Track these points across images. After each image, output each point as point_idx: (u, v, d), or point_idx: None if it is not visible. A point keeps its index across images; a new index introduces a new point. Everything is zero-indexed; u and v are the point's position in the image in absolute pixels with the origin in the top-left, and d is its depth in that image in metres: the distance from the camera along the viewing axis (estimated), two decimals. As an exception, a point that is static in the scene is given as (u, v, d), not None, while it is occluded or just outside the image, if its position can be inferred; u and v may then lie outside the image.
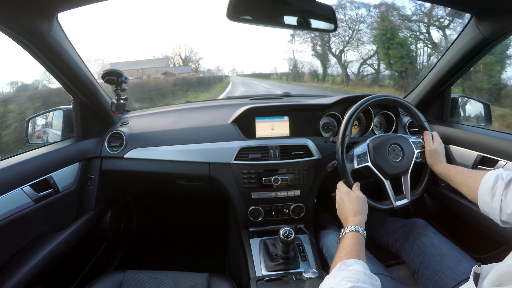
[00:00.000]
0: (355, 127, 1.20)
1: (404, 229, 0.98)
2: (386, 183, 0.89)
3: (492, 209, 0.66)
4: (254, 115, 1.12)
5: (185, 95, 15.48)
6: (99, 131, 1.19)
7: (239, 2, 0.67)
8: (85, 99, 1.06)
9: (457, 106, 1.22)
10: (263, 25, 0.76)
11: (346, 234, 0.69)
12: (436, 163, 0.87)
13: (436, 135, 0.92)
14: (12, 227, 0.77)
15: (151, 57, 32.33)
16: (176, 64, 30.17)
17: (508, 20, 0.78)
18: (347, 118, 0.89)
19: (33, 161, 0.87)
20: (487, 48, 0.92)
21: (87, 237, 1.12)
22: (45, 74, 6.70)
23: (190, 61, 30.84)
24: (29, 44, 0.77)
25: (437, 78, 1.11)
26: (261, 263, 0.96)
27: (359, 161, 0.89)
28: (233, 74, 43.25)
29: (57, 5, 0.72)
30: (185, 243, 1.68)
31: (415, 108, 0.95)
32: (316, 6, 0.77)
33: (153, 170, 1.11)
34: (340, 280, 0.52)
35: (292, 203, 1.09)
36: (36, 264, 0.81)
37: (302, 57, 23.83)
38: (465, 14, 0.84)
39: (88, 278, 1.15)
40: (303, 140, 1.08)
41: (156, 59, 28.15)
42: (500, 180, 0.65)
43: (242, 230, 1.11)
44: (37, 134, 1.15)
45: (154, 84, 17.02)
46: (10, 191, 0.76)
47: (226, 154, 1.05)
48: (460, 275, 0.75)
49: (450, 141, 1.07)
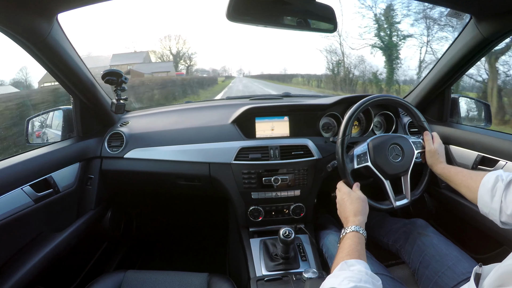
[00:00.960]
0: (355, 127, 1.20)
1: (404, 229, 0.98)
2: (386, 183, 0.89)
3: (492, 210, 0.66)
4: (254, 115, 1.13)
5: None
6: (99, 131, 1.19)
7: (239, 3, 0.67)
8: (85, 99, 1.06)
9: (457, 106, 1.22)
10: (263, 26, 0.76)
11: (346, 234, 0.69)
12: (436, 163, 0.87)
13: (436, 136, 0.92)
14: (12, 227, 0.77)
15: (130, 51, 26.24)
16: (167, 59, 25.71)
17: (508, 20, 0.78)
18: (347, 118, 0.89)
19: (33, 161, 0.87)
20: (487, 48, 0.92)
21: (87, 237, 1.12)
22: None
23: (182, 58, 26.65)
24: (29, 44, 0.77)
25: (437, 78, 1.11)
26: (261, 263, 0.96)
27: (359, 161, 0.89)
28: (239, 75, 41.92)
29: (57, 6, 0.72)
30: (185, 243, 1.68)
31: (415, 108, 0.95)
32: (316, 6, 0.76)
33: (153, 170, 1.11)
34: (342, 280, 0.52)
35: (292, 203, 1.09)
36: (36, 264, 0.81)
37: (352, 54, 15.00)
38: (464, 15, 0.84)
39: (88, 278, 1.15)
40: (303, 140, 1.08)
41: (128, 53, 23.73)
42: (500, 181, 0.65)
43: (242, 230, 1.11)
44: (37, 134, 1.15)
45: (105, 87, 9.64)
46: (10, 191, 0.76)
47: (226, 154, 1.05)
48: (460, 275, 0.75)
49: (450, 141, 1.07)
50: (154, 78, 16.51)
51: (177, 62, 26.50)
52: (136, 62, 22.14)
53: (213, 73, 30.20)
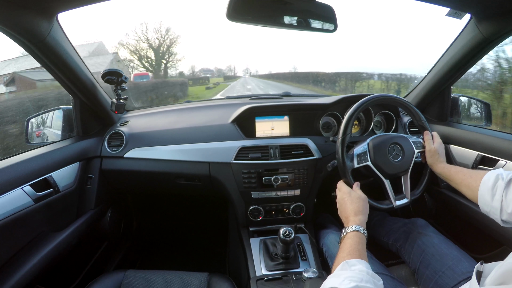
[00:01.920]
0: (355, 127, 1.20)
1: (405, 228, 0.99)
2: (386, 182, 0.89)
3: (492, 209, 0.66)
4: (254, 115, 1.13)
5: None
6: (99, 130, 1.19)
7: (239, 2, 0.67)
8: (85, 99, 1.06)
9: (457, 105, 1.22)
10: (263, 25, 0.76)
11: (347, 234, 0.69)
12: (436, 163, 0.87)
13: (437, 135, 0.92)
14: (12, 226, 0.77)
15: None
16: (144, 55, 18.23)
17: (508, 20, 0.78)
18: (347, 117, 0.89)
19: (33, 160, 0.87)
20: (487, 48, 0.92)
21: (87, 237, 1.12)
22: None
23: (163, 54, 19.01)
24: (29, 44, 0.77)
25: (437, 78, 1.11)
26: (261, 263, 0.96)
27: (359, 160, 0.89)
28: (245, 75, 40.10)
29: (57, 5, 0.72)
30: (185, 243, 1.68)
31: (415, 108, 0.95)
32: (316, 6, 0.76)
33: (153, 169, 1.11)
34: (343, 280, 0.52)
35: (292, 203, 1.09)
36: (36, 263, 0.81)
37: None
38: (464, 14, 0.84)
39: (88, 277, 1.15)
40: (303, 140, 1.08)
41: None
42: (500, 179, 0.65)
43: (242, 230, 1.11)
44: (37, 133, 1.15)
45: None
46: (10, 190, 0.76)
47: (226, 154, 1.05)
48: (460, 274, 0.75)
49: (450, 140, 1.07)
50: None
51: (159, 60, 18.94)
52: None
53: (218, 73, 28.78)
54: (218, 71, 29.91)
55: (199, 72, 28.85)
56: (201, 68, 26.88)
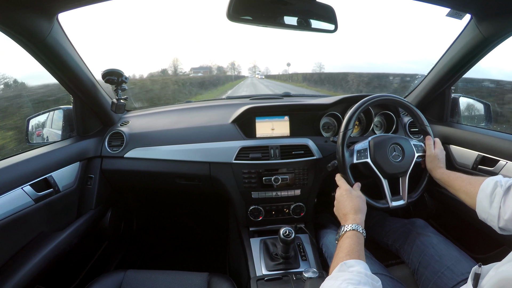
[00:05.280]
0: (356, 127, 1.20)
1: (404, 229, 0.98)
2: (384, 182, 0.89)
3: (490, 216, 0.65)
4: (254, 115, 1.13)
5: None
6: (99, 130, 1.19)
7: (239, 3, 0.67)
8: (85, 99, 1.06)
9: (457, 106, 1.22)
10: (263, 26, 0.76)
11: (346, 233, 0.69)
12: (435, 168, 0.88)
13: (438, 141, 0.93)
14: (12, 226, 0.77)
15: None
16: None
17: (508, 20, 0.78)
18: (350, 114, 0.89)
19: (33, 160, 0.87)
20: (487, 48, 0.92)
21: (88, 237, 1.12)
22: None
23: None
24: (29, 44, 0.77)
25: (437, 78, 1.11)
26: (261, 263, 0.96)
27: (358, 156, 0.89)
28: (252, 75, 37.97)
29: (57, 5, 0.72)
30: (185, 243, 1.68)
31: (418, 111, 0.95)
32: (316, 6, 0.76)
33: (153, 169, 1.11)
34: (341, 282, 0.52)
35: (292, 203, 1.09)
36: (36, 263, 0.81)
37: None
38: (464, 15, 0.84)
39: (89, 277, 1.15)
40: (303, 140, 1.08)
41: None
42: (499, 186, 0.65)
43: (242, 230, 1.11)
44: (38, 133, 1.15)
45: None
46: (10, 190, 0.76)
47: (227, 154, 1.05)
48: (459, 275, 0.75)
49: (451, 141, 1.07)
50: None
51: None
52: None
53: (218, 71, 26.65)
54: (218, 69, 28.39)
55: (191, 72, 26.99)
56: (192, 67, 24.78)
